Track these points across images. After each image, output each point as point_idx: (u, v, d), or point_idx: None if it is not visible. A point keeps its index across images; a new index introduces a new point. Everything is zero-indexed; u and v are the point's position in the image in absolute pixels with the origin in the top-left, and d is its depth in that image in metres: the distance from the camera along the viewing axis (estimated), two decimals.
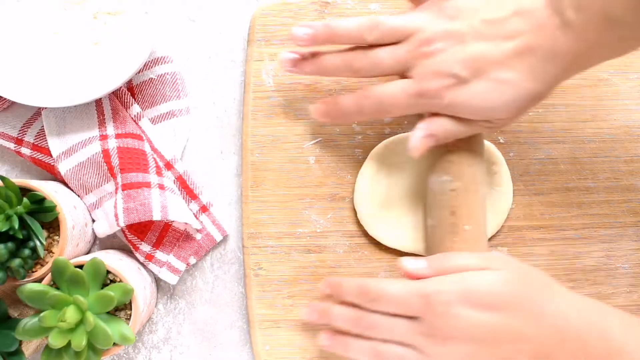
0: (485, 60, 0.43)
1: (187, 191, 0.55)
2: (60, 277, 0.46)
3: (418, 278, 0.44)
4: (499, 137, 0.55)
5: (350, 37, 0.46)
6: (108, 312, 0.47)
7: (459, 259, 0.44)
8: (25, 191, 0.48)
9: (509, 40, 0.42)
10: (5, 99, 0.53)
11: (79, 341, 0.44)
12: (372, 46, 0.46)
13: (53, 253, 0.48)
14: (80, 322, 0.45)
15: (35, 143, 0.54)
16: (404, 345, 0.43)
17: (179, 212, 0.52)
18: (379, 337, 0.44)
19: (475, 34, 0.43)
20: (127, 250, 0.56)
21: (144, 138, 0.55)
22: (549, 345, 0.41)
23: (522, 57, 0.42)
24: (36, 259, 0.48)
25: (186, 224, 0.54)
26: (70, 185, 0.54)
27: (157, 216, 0.50)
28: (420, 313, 0.42)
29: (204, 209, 0.55)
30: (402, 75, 0.46)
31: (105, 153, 0.52)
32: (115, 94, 0.55)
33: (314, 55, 0.48)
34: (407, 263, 0.45)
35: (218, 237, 0.55)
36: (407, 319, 0.43)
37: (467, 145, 0.49)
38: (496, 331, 0.41)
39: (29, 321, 0.45)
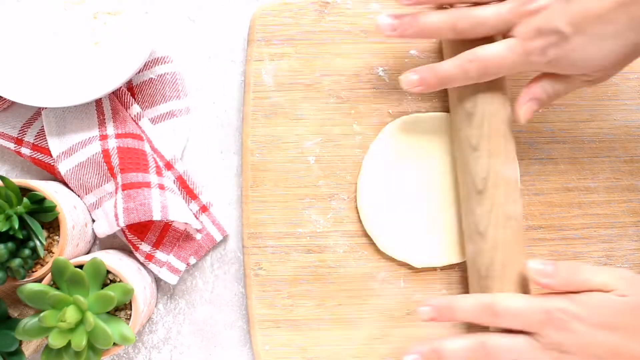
0: (588, 14, 0.43)
1: (187, 191, 0.55)
2: (60, 277, 0.46)
3: (541, 284, 0.44)
4: None
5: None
6: (108, 312, 0.47)
7: (587, 273, 0.44)
8: (25, 191, 0.48)
9: None
10: (5, 99, 0.53)
11: (79, 341, 0.44)
12: (474, 5, 0.46)
13: (53, 253, 0.48)
14: (80, 322, 0.45)
15: (35, 143, 0.54)
16: None
17: (179, 212, 0.52)
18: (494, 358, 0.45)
19: None
20: (127, 250, 0.56)
21: (144, 138, 0.55)
22: None
23: (621, 8, 0.42)
24: (36, 259, 0.48)
25: (186, 224, 0.54)
26: (70, 185, 0.54)
27: (157, 216, 0.50)
28: (538, 328, 0.43)
29: (204, 209, 0.55)
30: (503, 35, 0.46)
31: (105, 153, 0.52)
32: (115, 94, 0.55)
33: (414, 17, 0.47)
34: (533, 266, 0.45)
35: (218, 237, 0.55)
36: (524, 336, 0.44)
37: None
38: (615, 351, 0.42)
39: (29, 321, 0.45)
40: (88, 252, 0.55)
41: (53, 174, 0.55)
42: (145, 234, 0.54)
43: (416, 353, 0.46)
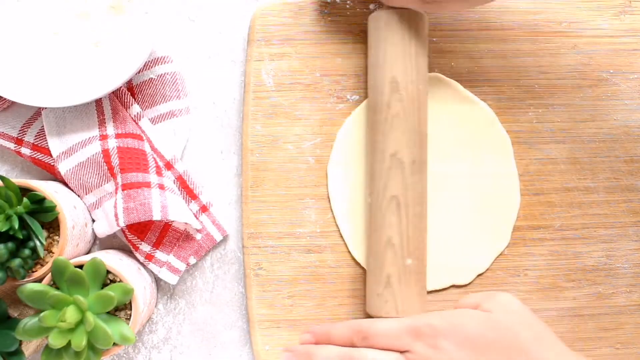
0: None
1: (187, 191, 0.55)
2: (60, 277, 0.46)
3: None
4: None
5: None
6: (108, 312, 0.47)
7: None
8: (25, 191, 0.48)
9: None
10: (5, 99, 0.53)
11: (79, 341, 0.44)
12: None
13: (53, 253, 0.48)
14: (80, 322, 0.45)
15: (35, 143, 0.54)
16: None
17: (179, 212, 0.52)
18: None
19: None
20: (127, 250, 0.56)
21: (144, 138, 0.55)
22: None
23: None
24: (36, 259, 0.48)
25: (186, 224, 0.54)
26: (70, 185, 0.54)
27: (157, 216, 0.50)
28: (409, 346, 0.42)
29: (204, 209, 0.55)
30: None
31: (105, 153, 0.52)
32: (115, 94, 0.55)
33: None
34: None
35: (218, 237, 0.55)
36: (396, 354, 0.43)
37: None
38: None
39: (29, 321, 0.45)
40: (88, 252, 0.55)
41: (53, 174, 0.55)
42: (145, 234, 0.54)
43: (291, 352, 0.46)
